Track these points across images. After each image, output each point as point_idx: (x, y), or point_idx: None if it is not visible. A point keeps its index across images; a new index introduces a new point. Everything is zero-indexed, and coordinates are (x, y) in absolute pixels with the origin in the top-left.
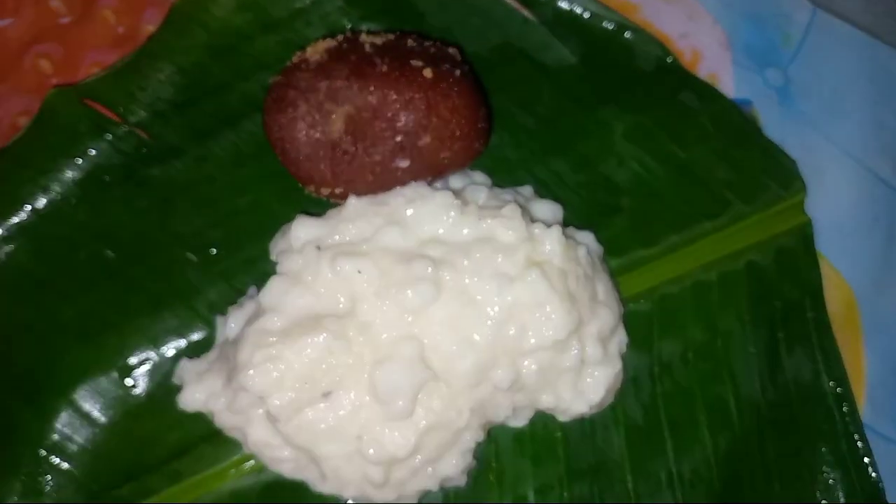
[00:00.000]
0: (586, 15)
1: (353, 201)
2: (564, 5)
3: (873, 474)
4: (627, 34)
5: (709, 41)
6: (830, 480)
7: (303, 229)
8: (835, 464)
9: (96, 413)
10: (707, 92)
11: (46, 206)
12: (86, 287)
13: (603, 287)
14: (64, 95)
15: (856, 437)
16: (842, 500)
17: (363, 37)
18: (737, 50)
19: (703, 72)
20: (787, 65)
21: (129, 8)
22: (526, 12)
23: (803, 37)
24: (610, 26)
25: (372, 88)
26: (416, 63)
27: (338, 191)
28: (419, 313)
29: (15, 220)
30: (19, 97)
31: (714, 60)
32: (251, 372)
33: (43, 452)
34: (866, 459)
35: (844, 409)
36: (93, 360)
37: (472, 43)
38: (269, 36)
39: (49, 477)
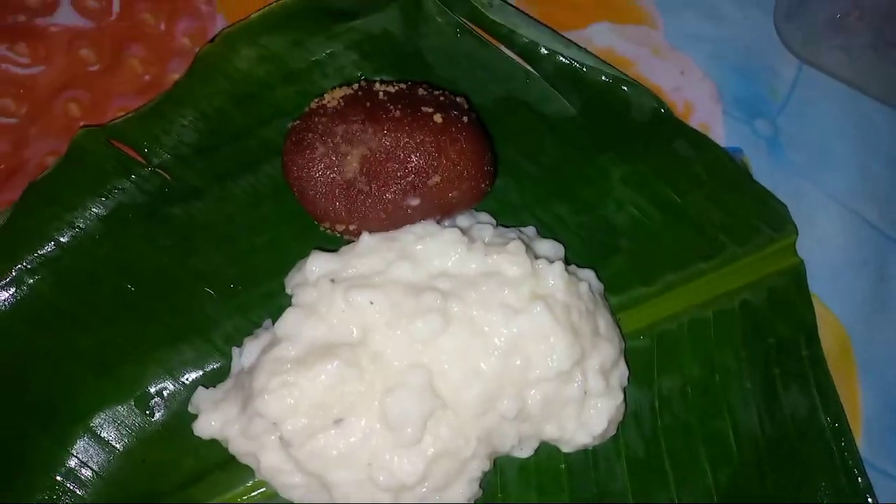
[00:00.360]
0: (585, 69)
1: (366, 238)
2: (564, 60)
3: None
4: (624, 87)
5: (700, 94)
6: None
7: (318, 263)
8: (835, 498)
9: (112, 440)
10: (700, 141)
11: (71, 240)
12: (106, 319)
13: (604, 322)
14: (92, 136)
15: (855, 471)
16: None
17: (377, 86)
18: (727, 102)
19: (694, 122)
20: (776, 116)
21: (155, 58)
22: (528, 67)
23: (790, 90)
24: (607, 80)
25: (385, 132)
26: (427, 109)
27: (352, 227)
28: (428, 343)
29: (40, 252)
30: (48, 138)
31: (705, 112)
32: (266, 397)
33: (58, 479)
34: (867, 495)
35: (842, 443)
36: (110, 390)
37: (477, 95)
38: (287, 86)
39: (63, 503)
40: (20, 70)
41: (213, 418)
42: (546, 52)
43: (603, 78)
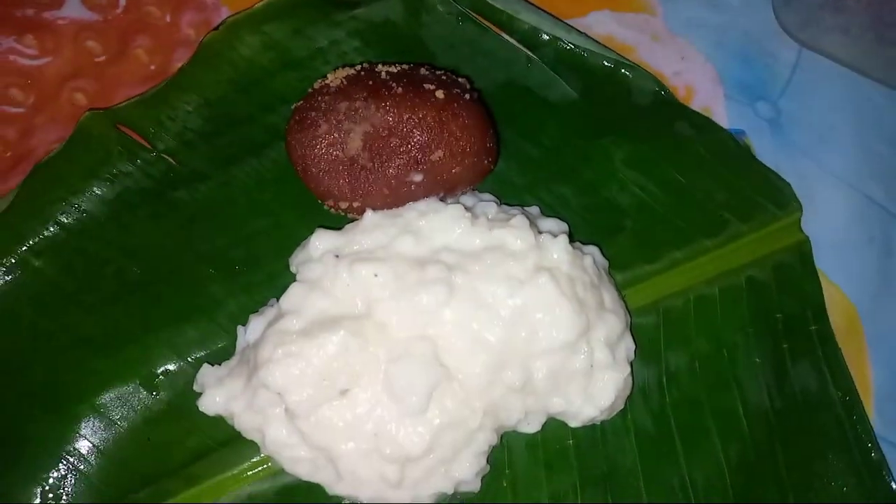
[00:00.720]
0: (586, 54)
1: (369, 215)
2: (565, 45)
3: (893, 484)
4: (625, 71)
5: (701, 78)
6: (845, 488)
7: (322, 240)
8: (848, 472)
9: (117, 420)
10: (701, 122)
11: (76, 223)
12: (111, 301)
13: (609, 296)
14: (98, 119)
15: (869, 445)
16: None
17: (379, 66)
18: (728, 86)
19: (696, 105)
20: (777, 98)
21: (160, 48)
22: (529, 53)
23: (791, 74)
24: (609, 64)
25: (388, 107)
26: (429, 86)
27: (355, 204)
28: (433, 314)
29: (45, 235)
30: (54, 127)
31: (707, 95)
32: (271, 367)
33: (63, 458)
34: (881, 469)
35: (854, 418)
36: (115, 370)
37: (479, 80)
38: (290, 73)
39: (68, 483)
40: (27, 61)
41: (218, 394)
42: (547, 37)
43: (604, 62)
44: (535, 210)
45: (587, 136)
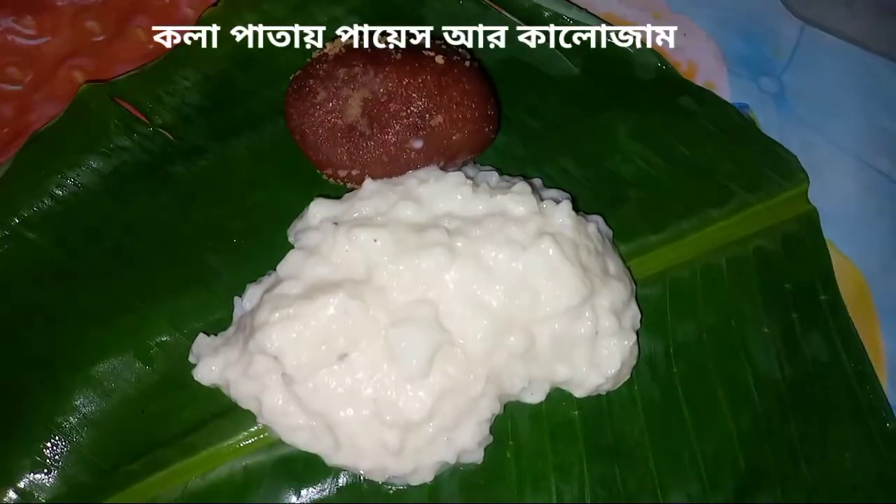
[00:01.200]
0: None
1: (369, 183)
2: (566, 22)
3: None
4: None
5: (703, 54)
6: (859, 458)
7: (320, 208)
8: (863, 442)
9: (112, 391)
10: (705, 96)
11: (71, 196)
12: (107, 273)
13: (614, 264)
14: (95, 91)
15: (883, 414)
16: (875, 477)
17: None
18: (731, 61)
19: (699, 81)
20: (781, 73)
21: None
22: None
23: (794, 49)
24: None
25: (387, 72)
26: (429, 53)
27: (354, 173)
28: (434, 279)
29: (39, 207)
30: (52, 104)
31: (710, 71)
32: (268, 329)
33: (56, 429)
34: None
35: (867, 387)
36: (110, 342)
37: (480, 56)
38: (289, 50)
39: (60, 453)
40: (25, 41)
41: (214, 363)
42: (548, 14)
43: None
44: (538, 182)
45: (590, 109)
